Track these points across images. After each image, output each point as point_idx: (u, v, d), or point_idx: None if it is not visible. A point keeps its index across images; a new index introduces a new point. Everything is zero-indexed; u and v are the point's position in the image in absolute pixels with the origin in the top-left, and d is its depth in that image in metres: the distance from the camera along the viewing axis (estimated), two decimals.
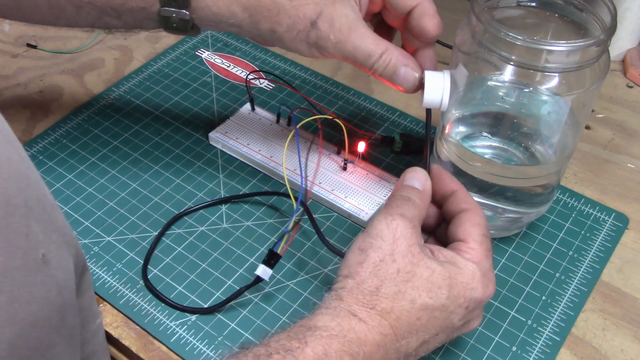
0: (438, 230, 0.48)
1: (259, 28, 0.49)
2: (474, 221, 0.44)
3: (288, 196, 0.57)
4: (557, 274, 0.53)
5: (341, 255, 0.49)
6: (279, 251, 0.50)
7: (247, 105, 0.65)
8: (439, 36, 0.50)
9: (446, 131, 0.52)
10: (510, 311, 0.51)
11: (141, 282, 0.52)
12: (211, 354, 0.48)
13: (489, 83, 0.50)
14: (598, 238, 0.56)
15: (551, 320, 0.50)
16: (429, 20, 0.49)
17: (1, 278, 0.32)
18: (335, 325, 0.39)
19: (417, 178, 0.46)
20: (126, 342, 0.49)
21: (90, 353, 0.44)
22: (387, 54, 0.49)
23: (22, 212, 0.33)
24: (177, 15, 0.49)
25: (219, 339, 0.49)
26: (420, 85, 0.50)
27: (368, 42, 0.48)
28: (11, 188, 0.32)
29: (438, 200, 0.47)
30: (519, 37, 0.43)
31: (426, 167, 0.48)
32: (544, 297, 0.52)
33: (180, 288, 0.52)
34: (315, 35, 0.48)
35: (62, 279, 0.37)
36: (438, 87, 0.48)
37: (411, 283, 0.40)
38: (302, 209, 0.54)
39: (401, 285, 0.40)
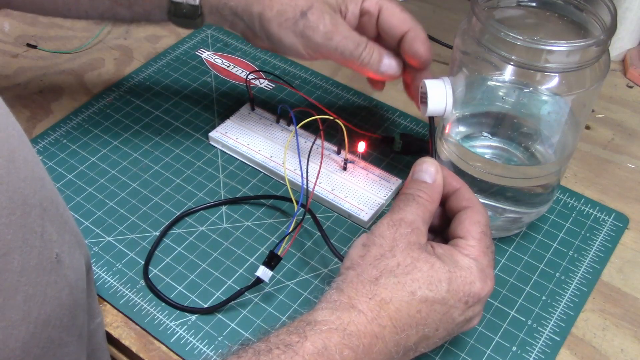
0: (445, 231, 0.48)
1: (250, 11, 0.51)
2: (473, 219, 0.44)
3: (290, 200, 0.57)
4: (557, 274, 0.53)
5: (342, 259, 0.50)
6: (279, 253, 0.50)
7: (247, 105, 0.65)
8: (430, 61, 0.53)
9: (446, 131, 0.52)
10: (510, 311, 0.51)
11: (141, 282, 0.52)
12: (211, 354, 0.48)
13: (489, 83, 0.50)
14: (598, 238, 0.56)
15: (551, 320, 0.50)
16: (420, 45, 0.52)
17: (17, 277, 0.32)
18: (335, 319, 0.39)
19: (426, 170, 0.46)
20: (126, 342, 0.49)
21: (90, 352, 0.44)
22: (371, 43, 0.53)
23: (37, 212, 0.34)
24: (187, 1, 0.52)
25: (219, 339, 0.49)
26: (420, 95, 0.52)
27: (354, 33, 0.52)
28: (28, 188, 0.33)
29: (442, 199, 0.47)
30: (519, 37, 0.43)
31: None
32: (544, 297, 0.52)
33: (180, 288, 0.52)
34: (303, 25, 0.50)
35: (73, 279, 0.37)
36: (441, 95, 0.49)
37: (411, 275, 0.41)
38: (302, 209, 0.54)
39: (401, 277, 0.41)
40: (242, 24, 0.53)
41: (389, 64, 0.53)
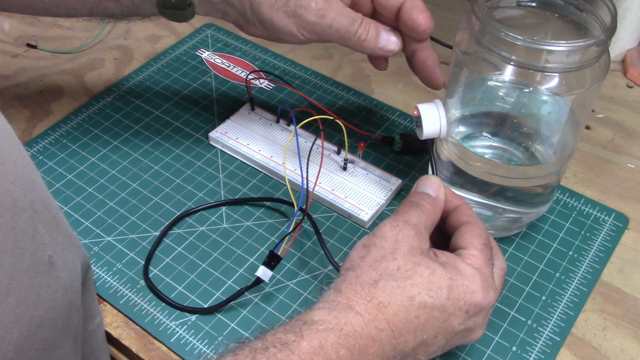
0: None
1: None
2: (474, 232, 0.45)
3: (291, 204, 0.57)
4: (557, 274, 0.53)
5: (337, 268, 0.50)
6: (279, 253, 0.50)
7: (247, 105, 0.65)
8: (431, 30, 0.51)
9: None
10: (510, 311, 0.51)
11: (141, 282, 0.52)
12: (211, 354, 0.48)
13: (489, 83, 0.50)
14: (598, 238, 0.56)
15: (551, 320, 0.50)
16: (418, 13, 0.50)
17: (9, 280, 0.32)
18: (332, 319, 0.39)
19: (430, 185, 0.47)
20: (126, 342, 0.49)
21: (89, 352, 0.44)
22: (367, 19, 0.51)
23: (28, 215, 0.33)
24: None
25: (219, 339, 0.49)
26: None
27: (348, 9, 0.51)
28: (18, 190, 0.33)
29: (442, 215, 0.47)
30: (519, 37, 0.43)
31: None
32: (544, 297, 0.52)
33: (180, 288, 0.52)
34: (294, 4, 0.49)
35: (67, 280, 0.37)
36: (435, 119, 0.49)
37: (411, 280, 0.41)
38: (304, 207, 0.54)
39: (400, 281, 0.40)
40: (234, 11, 0.52)
41: (387, 38, 0.51)
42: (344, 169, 0.59)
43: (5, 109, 0.67)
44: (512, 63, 0.45)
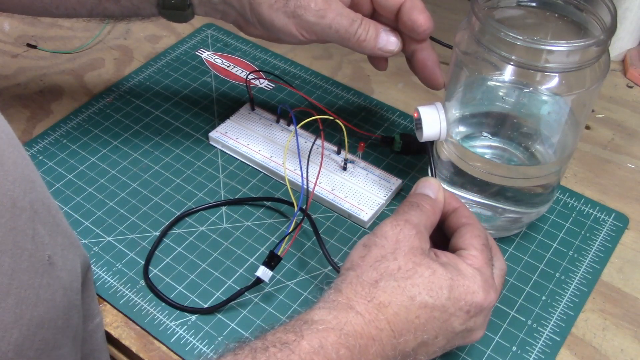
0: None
1: None
2: (474, 233, 0.45)
3: (291, 204, 0.57)
4: (557, 274, 0.53)
5: (336, 268, 0.50)
6: (279, 253, 0.50)
7: (247, 105, 0.65)
8: (430, 30, 0.51)
9: None
10: (510, 311, 0.51)
11: (141, 282, 0.52)
12: (211, 354, 0.48)
13: (489, 83, 0.50)
14: (598, 238, 0.56)
15: (551, 320, 0.50)
16: (418, 14, 0.50)
17: (8, 280, 0.32)
18: (332, 319, 0.39)
19: (429, 187, 0.47)
20: (126, 342, 0.49)
21: (88, 352, 0.44)
22: (366, 20, 0.51)
23: (28, 215, 0.33)
24: None
25: (219, 339, 0.49)
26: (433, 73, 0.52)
27: (348, 10, 0.51)
28: (17, 191, 0.33)
29: (441, 217, 0.47)
30: (519, 37, 0.43)
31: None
32: (544, 297, 0.52)
33: (180, 288, 0.52)
34: (294, 5, 0.49)
35: (67, 280, 0.37)
36: (435, 121, 0.50)
37: (411, 280, 0.41)
38: (304, 207, 0.54)
39: (401, 282, 0.40)
40: (234, 11, 0.52)
41: (386, 39, 0.51)
42: (344, 169, 0.59)
43: (5, 109, 0.67)
44: (512, 63, 0.45)
